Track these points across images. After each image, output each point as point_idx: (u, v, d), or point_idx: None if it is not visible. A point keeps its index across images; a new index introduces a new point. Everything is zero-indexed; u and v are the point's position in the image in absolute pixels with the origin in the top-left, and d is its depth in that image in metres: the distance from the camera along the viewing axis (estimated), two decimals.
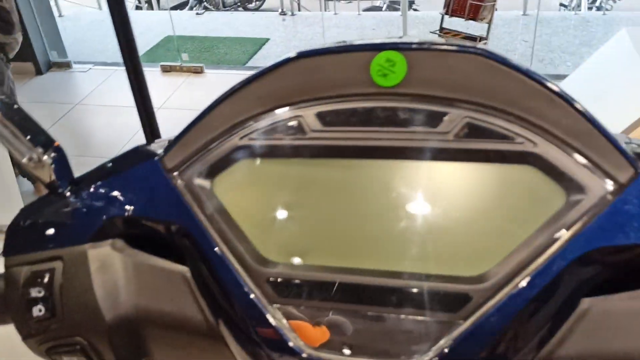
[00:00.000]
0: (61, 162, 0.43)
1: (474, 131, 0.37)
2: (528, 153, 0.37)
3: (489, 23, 2.77)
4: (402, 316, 0.36)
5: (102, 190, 0.43)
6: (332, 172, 0.40)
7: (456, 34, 2.90)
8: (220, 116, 0.41)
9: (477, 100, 0.38)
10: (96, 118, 3.36)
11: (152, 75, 3.78)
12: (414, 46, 0.38)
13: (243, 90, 0.41)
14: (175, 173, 0.41)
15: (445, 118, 0.38)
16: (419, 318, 0.35)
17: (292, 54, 0.40)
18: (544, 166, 0.36)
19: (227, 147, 0.41)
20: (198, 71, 3.78)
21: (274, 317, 0.37)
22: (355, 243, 0.38)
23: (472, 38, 2.84)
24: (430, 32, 3.14)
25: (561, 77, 3.25)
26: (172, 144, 0.42)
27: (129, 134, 2.94)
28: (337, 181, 0.39)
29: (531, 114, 0.37)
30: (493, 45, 3.84)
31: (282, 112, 0.40)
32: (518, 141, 0.37)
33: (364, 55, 0.39)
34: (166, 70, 3.83)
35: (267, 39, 4.45)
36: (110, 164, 0.45)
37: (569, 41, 3.86)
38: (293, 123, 0.40)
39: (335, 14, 4.78)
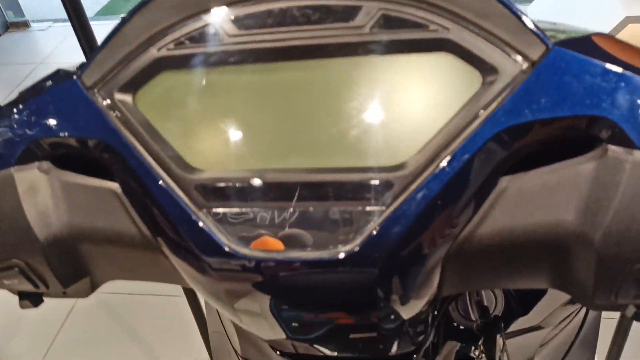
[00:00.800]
0: None
1: (389, 22, 0.37)
2: (442, 39, 0.36)
3: None
4: (328, 209, 0.36)
5: (23, 114, 0.42)
6: (253, 76, 0.39)
7: None
8: (134, 29, 0.40)
9: None
10: None
11: None
12: None
13: (155, 1, 0.40)
14: (95, 90, 0.41)
15: (360, 12, 0.37)
16: (344, 209, 0.36)
17: None
18: (458, 51, 0.36)
19: (145, 60, 0.40)
20: None
21: (203, 221, 0.37)
22: (279, 144, 0.39)
23: None
24: None
25: None
26: (89, 61, 0.41)
27: None
28: (258, 85, 0.39)
29: (442, 0, 0.36)
30: None
31: (197, 20, 0.40)
32: (432, 28, 0.37)
33: None
34: None
35: None
36: (31, 89, 0.45)
37: None
38: (209, 30, 0.39)
39: None
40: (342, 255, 0.35)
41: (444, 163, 0.35)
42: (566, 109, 0.34)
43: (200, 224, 0.37)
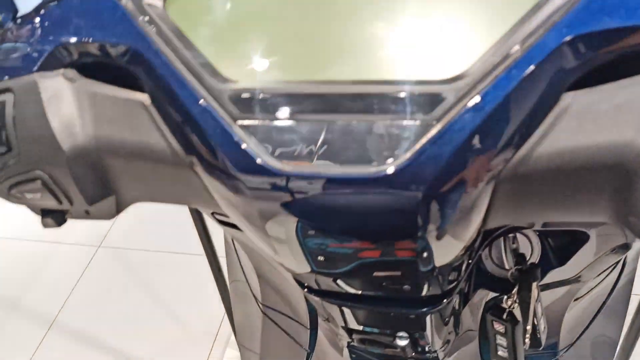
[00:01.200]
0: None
1: None
2: None
3: None
4: (374, 122, 0.33)
5: (47, 19, 0.40)
6: None
7: None
8: None
9: None
10: None
11: None
12: None
13: None
14: None
15: None
16: (392, 122, 0.33)
17: None
18: None
19: None
20: None
21: (238, 133, 0.35)
22: (321, 54, 0.36)
23: None
24: None
25: None
26: None
27: None
28: None
29: None
30: None
31: None
32: None
33: None
34: None
35: None
36: None
37: None
38: None
39: None
40: (390, 171, 0.33)
41: (503, 74, 0.32)
42: (639, 17, 0.31)
43: (235, 136, 0.35)
